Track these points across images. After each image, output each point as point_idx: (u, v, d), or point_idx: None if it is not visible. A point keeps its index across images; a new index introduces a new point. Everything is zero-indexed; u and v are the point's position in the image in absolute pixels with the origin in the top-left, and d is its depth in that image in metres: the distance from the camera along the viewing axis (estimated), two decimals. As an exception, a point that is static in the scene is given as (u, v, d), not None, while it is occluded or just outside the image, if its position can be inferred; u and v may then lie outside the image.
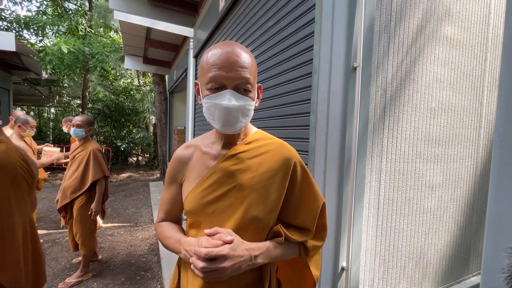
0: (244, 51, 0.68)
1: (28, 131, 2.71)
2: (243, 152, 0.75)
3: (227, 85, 0.66)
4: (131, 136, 10.31)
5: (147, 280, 2.52)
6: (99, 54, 7.09)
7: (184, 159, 0.80)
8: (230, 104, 0.65)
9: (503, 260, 0.47)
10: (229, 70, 0.65)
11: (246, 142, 0.77)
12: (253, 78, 0.70)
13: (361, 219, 1.30)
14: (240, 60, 0.66)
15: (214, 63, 0.65)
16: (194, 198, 0.73)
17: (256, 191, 0.71)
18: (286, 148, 0.77)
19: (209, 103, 0.67)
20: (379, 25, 1.29)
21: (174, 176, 0.81)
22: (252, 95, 0.71)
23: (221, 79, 0.65)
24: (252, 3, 2.16)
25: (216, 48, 0.67)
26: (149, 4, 3.73)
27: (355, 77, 1.22)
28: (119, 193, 5.98)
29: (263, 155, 0.75)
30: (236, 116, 0.67)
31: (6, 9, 9.66)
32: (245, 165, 0.73)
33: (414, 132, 1.47)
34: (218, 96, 0.66)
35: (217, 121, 0.68)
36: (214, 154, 0.76)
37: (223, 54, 0.65)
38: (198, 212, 0.73)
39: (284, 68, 1.68)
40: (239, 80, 0.66)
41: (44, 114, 14.61)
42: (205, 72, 0.68)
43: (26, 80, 8.99)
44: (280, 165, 0.73)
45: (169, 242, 0.75)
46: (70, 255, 2.91)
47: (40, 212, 4.42)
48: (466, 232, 1.81)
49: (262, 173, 0.72)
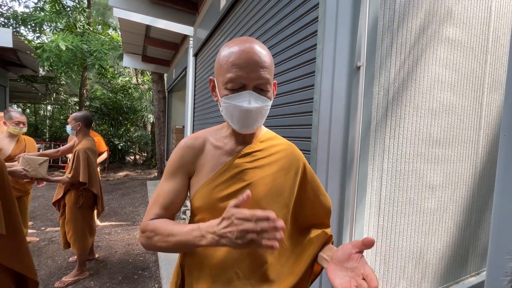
0: (264, 49, 0.66)
1: (12, 127, 2.51)
2: (258, 151, 0.74)
3: (247, 85, 0.64)
4: (128, 134, 10.25)
5: (145, 279, 2.50)
6: (97, 51, 7.05)
7: (195, 148, 0.74)
8: (250, 106, 0.64)
9: (507, 263, 0.46)
10: (250, 71, 0.63)
11: (261, 140, 0.77)
12: (272, 76, 0.69)
13: (363, 218, 1.30)
14: (260, 60, 0.64)
15: (235, 63, 0.63)
16: (206, 194, 0.71)
17: (269, 189, 0.71)
18: (295, 148, 0.79)
19: (228, 103, 0.65)
20: (383, 24, 1.29)
21: (182, 165, 0.73)
22: (270, 95, 0.69)
23: (242, 79, 0.63)
24: (253, 2, 2.16)
25: (235, 46, 0.64)
26: (149, 2, 3.72)
27: (358, 77, 1.21)
28: (117, 192, 5.94)
29: (276, 154, 0.75)
30: (255, 117, 0.66)
31: (4, 5, 9.57)
32: (259, 163, 0.73)
33: (416, 132, 1.48)
34: (238, 97, 0.64)
35: (235, 121, 0.67)
36: (228, 150, 0.74)
37: (244, 53, 0.63)
38: (211, 208, 0.70)
39: (286, 66, 1.68)
40: (260, 81, 0.64)
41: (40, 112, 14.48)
42: (224, 71, 0.65)
43: (23, 77, 8.90)
44: (292, 164, 0.75)
45: (179, 238, 0.60)
46: (66, 253, 2.88)
47: (36, 211, 4.37)
48: (465, 233, 1.82)
49: (276, 172, 0.73)
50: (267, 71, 0.65)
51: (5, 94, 7.71)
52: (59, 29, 8.23)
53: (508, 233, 0.64)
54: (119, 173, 8.44)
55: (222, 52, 0.66)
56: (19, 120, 2.56)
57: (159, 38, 5.45)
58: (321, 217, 0.81)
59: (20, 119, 2.56)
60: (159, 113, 7.74)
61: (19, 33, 9.17)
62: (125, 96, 10.48)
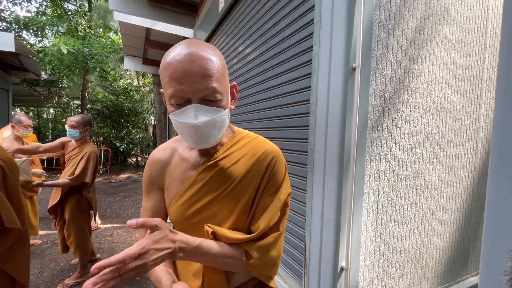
0: (206, 52, 0.57)
1: (21, 131, 2.59)
2: (222, 159, 0.70)
3: (192, 98, 0.57)
4: (130, 136, 10.31)
5: (147, 281, 2.52)
6: (98, 54, 7.10)
7: (162, 162, 0.73)
8: (197, 122, 0.57)
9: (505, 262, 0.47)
10: (190, 83, 0.55)
11: (225, 148, 0.71)
12: (222, 83, 0.60)
13: (360, 219, 1.30)
14: (201, 68, 0.55)
15: (172, 76, 0.55)
16: (177, 210, 0.70)
17: (237, 197, 0.68)
18: (264, 147, 0.71)
19: (175, 120, 0.60)
20: (378, 25, 1.29)
21: (153, 181, 0.74)
22: (224, 103, 0.61)
23: (183, 94, 0.56)
24: (251, 4, 2.17)
25: (173, 55, 0.56)
26: (149, 4, 3.74)
27: (354, 78, 1.22)
28: (118, 194, 5.97)
29: (242, 159, 0.70)
30: (208, 131, 0.60)
31: (6, 10, 9.66)
32: (225, 172, 0.69)
33: (413, 133, 1.48)
34: (183, 112, 0.58)
35: (187, 139, 0.62)
36: (193, 162, 0.71)
37: (181, 64, 0.55)
38: (182, 225, 0.70)
39: (283, 68, 1.69)
40: (204, 92, 0.57)
41: (43, 115, 14.58)
42: (165, 85, 0.58)
43: (25, 80, 8.97)
44: (258, 169, 0.69)
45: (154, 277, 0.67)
46: (69, 255, 2.90)
47: (40, 213, 4.39)
48: (464, 232, 1.82)
49: (242, 178, 0.68)
50: (213, 78, 0.57)
51: (8, 97, 7.78)
52: (60, 33, 8.31)
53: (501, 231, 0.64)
54: (121, 175, 8.48)
55: (162, 61, 0.59)
56: (28, 124, 2.66)
57: (160, 40, 5.48)
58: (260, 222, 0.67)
59: (28, 122, 2.67)
60: (160, 115, 7.77)
61: (21, 37, 9.24)
62: (127, 99, 10.54)
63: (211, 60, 0.57)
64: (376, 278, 1.42)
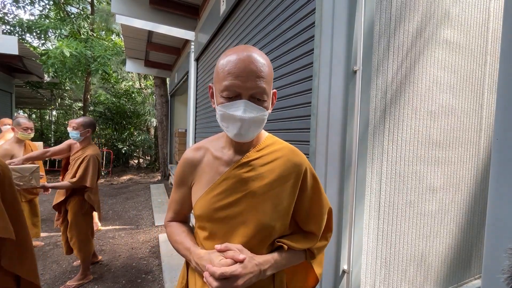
0: (262, 58, 0.66)
1: (20, 133, 2.59)
2: (256, 159, 0.74)
3: (243, 94, 0.64)
4: (132, 138, 10.35)
5: (148, 283, 2.52)
6: (101, 57, 7.15)
7: (194, 161, 0.80)
8: (244, 116, 0.64)
9: (504, 261, 0.47)
10: (245, 80, 0.63)
11: (258, 149, 0.76)
12: (269, 86, 0.68)
13: (362, 221, 1.30)
14: (257, 69, 0.64)
15: (230, 71, 0.63)
16: (204, 204, 0.73)
17: (268, 198, 0.71)
18: (296, 154, 0.78)
19: (223, 111, 0.66)
20: (379, 28, 1.30)
21: (184, 178, 0.81)
22: (267, 104, 0.69)
23: (237, 88, 0.64)
24: (253, 7, 2.18)
25: (233, 54, 0.65)
26: (151, 7, 3.77)
27: (355, 80, 1.22)
28: (120, 196, 5.99)
29: (275, 161, 0.75)
30: (250, 127, 0.66)
31: (9, 13, 9.76)
32: (257, 172, 0.73)
33: (414, 135, 1.48)
34: (233, 105, 0.65)
35: (230, 130, 0.68)
36: (226, 160, 0.76)
37: (240, 62, 0.63)
38: (209, 217, 0.73)
39: (285, 71, 1.70)
40: (255, 90, 0.64)
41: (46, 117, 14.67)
42: (220, 79, 0.66)
43: (28, 83, 9.05)
44: (291, 172, 0.74)
45: (179, 247, 0.77)
46: (71, 257, 2.91)
47: (42, 215, 4.41)
48: (467, 235, 1.81)
49: (274, 180, 0.72)
50: (264, 80, 0.65)
51: (11, 100, 7.84)
52: (63, 36, 8.38)
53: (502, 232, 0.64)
54: (123, 176, 8.51)
55: (221, 60, 0.67)
56: (27, 126, 2.65)
57: (161, 43, 5.51)
58: (313, 227, 0.79)
59: (28, 125, 2.65)
60: (161, 117, 7.80)
61: (24, 40, 9.34)
62: (128, 101, 10.59)
63: (265, 65, 0.66)
64: (378, 281, 1.41)
